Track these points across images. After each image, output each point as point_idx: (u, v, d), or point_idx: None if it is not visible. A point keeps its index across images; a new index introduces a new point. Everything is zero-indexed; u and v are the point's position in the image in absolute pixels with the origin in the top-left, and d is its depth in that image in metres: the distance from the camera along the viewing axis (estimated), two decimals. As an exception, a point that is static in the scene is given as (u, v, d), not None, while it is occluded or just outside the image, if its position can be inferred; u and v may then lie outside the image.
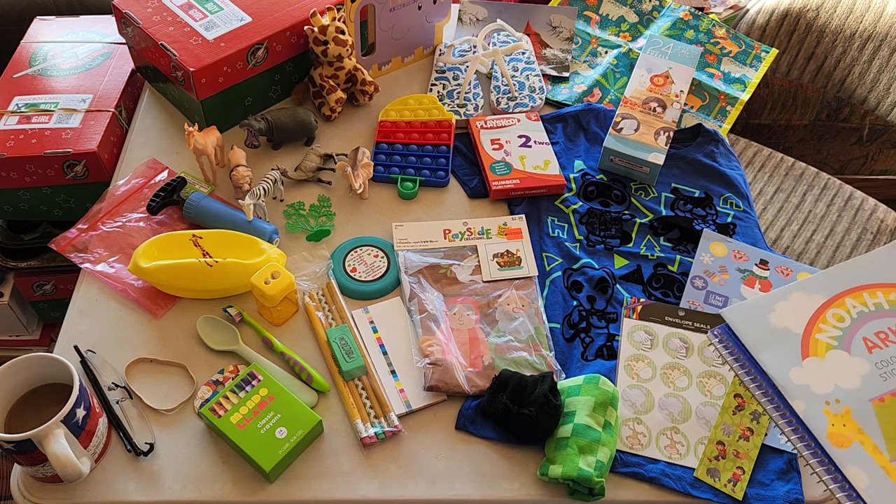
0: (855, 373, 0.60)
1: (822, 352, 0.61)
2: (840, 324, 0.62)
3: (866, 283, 0.64)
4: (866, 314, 0.62)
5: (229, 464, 0.79)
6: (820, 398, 0.58)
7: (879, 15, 1.37)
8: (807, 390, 0.59)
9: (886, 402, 0.58)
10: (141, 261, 0.90)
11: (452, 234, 1.00)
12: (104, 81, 1.18)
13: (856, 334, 0.62)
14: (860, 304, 0.63)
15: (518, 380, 0.81)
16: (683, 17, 1.32)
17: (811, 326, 0.62)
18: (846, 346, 0.61)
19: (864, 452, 0.56)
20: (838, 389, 0.59)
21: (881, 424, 0.57)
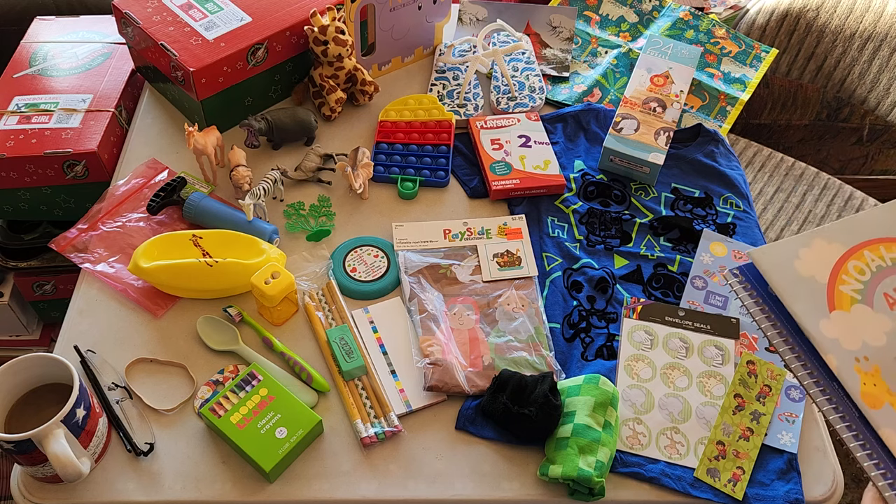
0: (880, 329, 0.58)
1: (847, 305, 0.59)
2: (861, 277, 0.60)
3: (882, 236, 0.61)
4: (884, 269, 0.60)
5: (229, 464, 0.79)
6: (850, 354, 0.56)
7: (879, 15, 1.37)
8: (837, 345, 0.57)
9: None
10: (141, 261, 0.90)
11: (452, 234, 1.00)
12: (104, 81, 1.18)
13: (876, 288, 0.59)
14: (877, 258, 0.60)
15: (518, 380, 0.81)
16: (683, 17, 1.32)
17: (835, 277, 0.60)
18: (868, 300, 0.59)
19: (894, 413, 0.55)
20: (866, 346, 0.57)
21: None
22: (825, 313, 0.58)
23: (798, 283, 0.59)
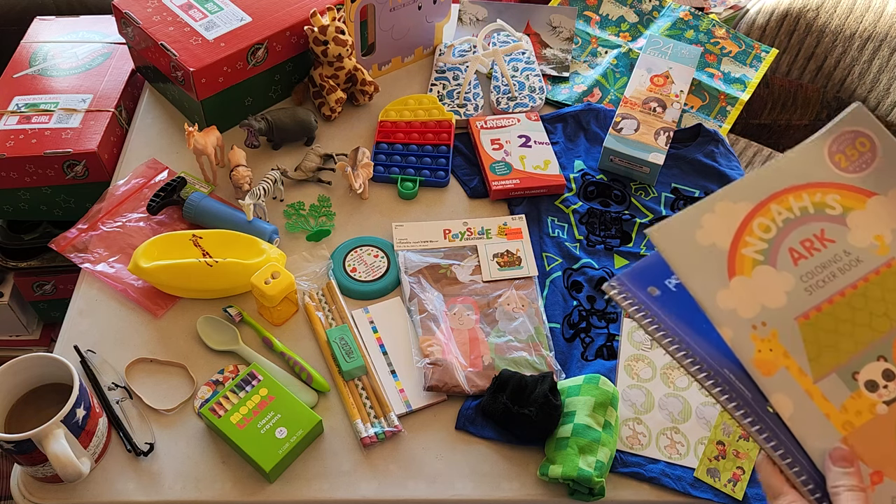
0: (780, 290, 0.56)
1: (748, 269, 0.57)
2: (766, 234, 0.58)
3: (790, 184, 0.59)
4: (792, 220, 0.58)
5: (229, 464, 0.79)
6: (747, 323, 0.55)
7: (879, 15, 1.37)
8: (734, 315, 0.55)
9: (811, 319, 0.56)
10: (141, 261, 0.90)
11: (452, 234, 1.00)
12: (104, 81, 1.18)
13: (781, 245, 0.58)
14: (785, 210, 0.58)
15: (518, 380, 0.81)
16: (683, 17, 1.32)
17: (737, 240, 0.57)
18: (772, 260, 0.57)
19: (790, 377, 0.54)
20: (765, 311, 0.55)
21: (805, 344, 0.55)
22: (724, 282, 0.56)
23: (697, 256, 0.57)
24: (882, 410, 0.54)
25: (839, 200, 0.58)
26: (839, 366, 0.55)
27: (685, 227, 0.57)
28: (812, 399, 0.54)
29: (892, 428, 0.54)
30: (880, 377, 0.55)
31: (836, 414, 0.54)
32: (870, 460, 0.53)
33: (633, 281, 0.60)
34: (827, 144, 0.59)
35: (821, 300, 0.56)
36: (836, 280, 0.56)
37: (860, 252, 0.57)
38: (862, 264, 0.57)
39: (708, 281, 0.56)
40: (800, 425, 0.53)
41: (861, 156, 0.59)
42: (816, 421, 0.54)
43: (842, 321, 0.56)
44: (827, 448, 0.53)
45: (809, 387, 0.54)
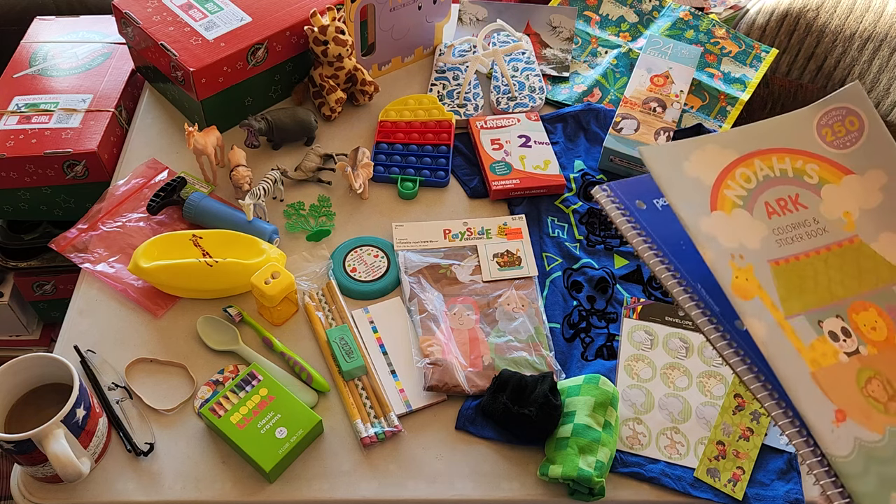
0: (756, 234, 0.58)
1: (728, 207, 0.59)
2: (746, 184, 0.60)
3: (776, 146, 0.62)
4: (771, 178, 0.61)
5: (229, 464, 0.79)
6: (727, 250, 0.57)
7: (879, 15, 1.37)
8: (714, 241, 0.57)
9: (781, 266, 0.58)
10: (141, 261, 0.90)
11: (452, 234, 1.00)
12: (104, 81, 1.18)
13: (759, 197, 0.60)
14: (767, 168, 0.61)
15: (518, 380, 0.81)
16: (683, 17, 1.32)
17: (721, 180, 0.60)
18: (749, 207, 0.60)
19: (764, 306, 0.56)
20: (742, 246, 0.57)
21: (777, 285, 0.57)
22: (706, 211, 0.58)
23: (683, 183, 0.59)
24: (843, 359, 0.55)
25: (817, 171, 0.60)
26: (806, 310, 0.56)
27: (674, 155, 0.59)
28: (783, 331, 0.55)
29: (853, 376, 0.55)
30: (839, 332, 0.56)
31: (805, 350, 0.55)
32: (835, 398, 0.54)
33: (622, 190, 0.62)
34: (817, 117, 0.61)
35: (790, 254, 0.58)
36: (803, 242, 0.58)
37: (828, 223, 0.59)
38: (828, 234, 0.59)
39: (693, 205, 0.58)
40: (773, 349, 0.54)
41: (848, 134, 0.61)
42: (788, 351, 0.55)
43: (807, 277, 0.57)
44: (798, 375, 0.54)
45: (781, 320, 0.56)
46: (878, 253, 0.59)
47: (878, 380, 0.56)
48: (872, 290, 0.58)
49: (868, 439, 0.54)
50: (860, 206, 0.60)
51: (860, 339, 0.56)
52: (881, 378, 0.56)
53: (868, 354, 0.56)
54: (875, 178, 0.60)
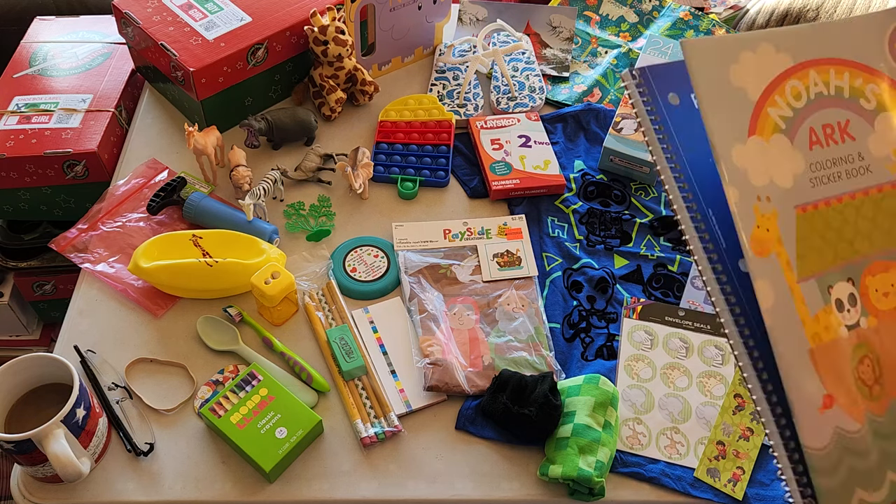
0: (790, 169, 0.49)
1: (768, 132, 0.49)
2: (795, 102, 0.50)
3: (837, 55, 0.51)
4: (823, 97, 0.51)
5: (229, 464, 0.79)
6: (754, 191, 0.48)
7: (879, 15, 1.37)
8: (744, 177, 0.47)
9: (807, 214, 0.49)
10: (141, 261, 0.90)
11: (452, 234, 1.00)
12: (104, 81, 1.18)
13: (805, 120, 0.50)
14: (822, 83, 0.51)
15: (518, 380, 0.81)
16: (683, 17, 1.32)
17: (769, 94, 0.49)
18: (791, 132, 0.50)
19: (779, 266, 0.47)
20: (772, 185, 0.48)
21: (798, 237, 0.49)
22: (743, 137, 0.48)
23: (725, 93, 0.49)
24: (843, 333, 0.49)
25: (877, 94, 0.51)
26: (819, 273, 0.49)
27: (722, 55, 0.49)
28: (793, 297, 0.48)
29: (849, 354, 0.49)
30: (846, 299, 0.50)
31: (810, 322, 0.48)
32: (827, 381, 0.48)
33: (657, 79, 0.52)
34: (893, 26, 0.52)
35: (819, 198, 0.50)
36: (839, 182, 0.50)
37: (873, 161, 0.51)
38: (870, 175, 0.51)
39: (730, 127, 0.48)
40: (776, 320, 0.47)
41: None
42: (792, 323, 0.48)
43: (830, 229, 0.50)
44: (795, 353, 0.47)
45: (793, 283, 0.48)
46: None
47: (870, 359, 0.50)
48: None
49: (847, 428, 0.48)
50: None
51: (864, 307, 0.50)
52: (872, 357, 0.50)
53: (866, 327, 0.50)
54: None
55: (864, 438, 0.48)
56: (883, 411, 0.49)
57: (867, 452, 0.48)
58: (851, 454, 0.48)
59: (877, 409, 0.49)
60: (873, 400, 0.49)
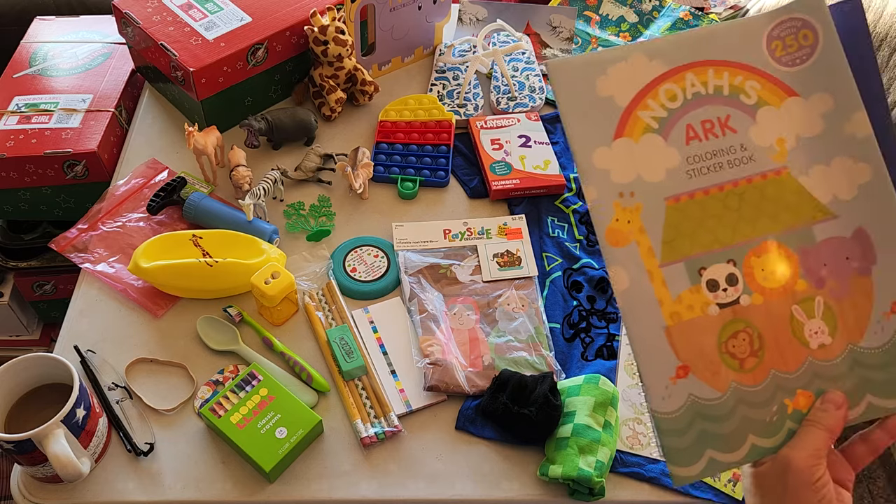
0: (662, 165, 0.53)
1: (637, 133, 0.53)
2: (670, 103, 0.54)
3: (716, 57, 0.54)
4: (701, 97, 0.54)
5: (229, 464, 0.79)
6: (616, 188, 0.52)
7: (879, 15, 1.37)
8: (605, 177, 0.52)
9: (680, 204, 0.53)
10: (141, 261, 0.90)
11: (452, 234, 1.00)
12: (104, 81, 1.18)
13: (681, 119, 0.54)
14: (700, 83, 0.54)
15: (518, 380, 0.81)
16: (683, 17, 1.32)
17: (638, 100, 0.53)
18: (665, 131, 0.53)
19: (637, 253, 0.52)
20: (639, 181, 0.53)
21: (665, 226, 0.53)
22: (607, 140, 0.53)
23: (590, 104, 0.53)
24: (713, 311, 0.53)
25: (758, 90, 0.55)
26: (689, 256, 0.53)
27: (589, 71, 0.53)
28: (651, 281, 0.53)
29: (716, 331, 0.53)
30: (724, 279, 0.54)
31: (669, 302, 0.53)
32: (683, 354, 0.53)
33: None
34: (770, 27, 0.55)
35: (696, 188, 0.54)
36: (720, 172, 0.54)
37: (756, 151, 0.54)
38: (753, 164, 0.54)
39: (592, 134, 0.53)
40: (629, 302, 0.52)
41: (800, 49, 0.55)
42: (646, 304, 0.53)
43: (709, 215, 0.54)
44: (647, 330, 0.52)
45: (653, 268, 0.53)
46: (805, 188, 0.54)
47: (748, 333, 0.54)
48: (788, 230, 0.54)
49: (704, 396, 0.53)
50: (798, 132, 0.54)
51: (748, 286, 0.54)
52: (752, 331, 0.54)
53: (750, 304, 0.54)
54: (820, 103, 0.54)
55: (724, 405, 0.53)
56: (758, 381, 0.53)
57: (725, 418, 0.53)
58: (705, 419, 0.53)
59: (748, 380, 0.53)
60: (745, 372, 0.53)
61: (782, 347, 0.54)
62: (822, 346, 0.54)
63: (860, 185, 0.54)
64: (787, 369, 0.54)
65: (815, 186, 0.54)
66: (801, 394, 0.54)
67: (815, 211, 0.54)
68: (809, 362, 0.54)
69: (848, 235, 0.54)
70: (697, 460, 0.53)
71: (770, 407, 0.53)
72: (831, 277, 0.54)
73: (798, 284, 0.54)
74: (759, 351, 0.54)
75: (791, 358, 0.54)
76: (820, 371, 0.54)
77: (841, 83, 0.54)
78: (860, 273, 0.54)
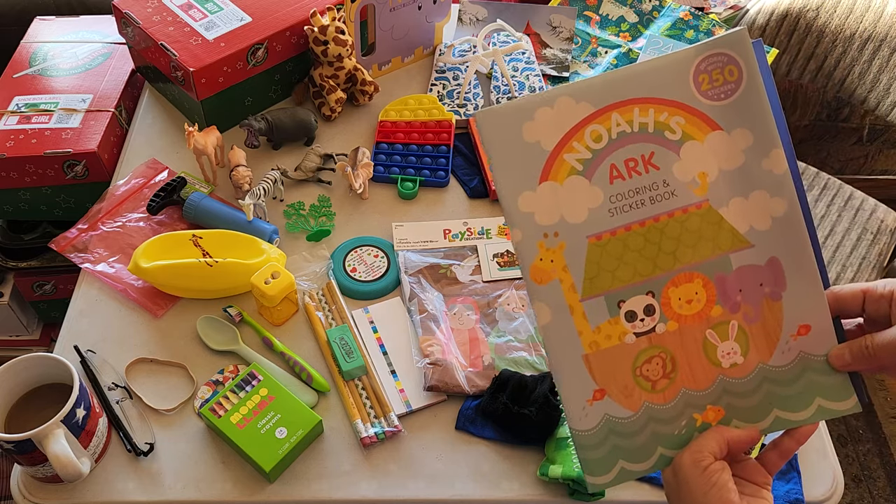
0: (585, 205, 0.55)
1: (562, 176, 0.55)
2: (595, 144, 0.55)
3: (641, 95, 0.56)
4: (626, 135, 0.55)
5: (229, 464, 0.79)
6: (540, 230, 0.55)
7: (879, 15, 1.37)
8: (529, 220, 0.55)
9: (602, 241, 0.56)
10: (141, 261, 0.90)
11: (452, 234, 1.00)
12: (104, 81, 1.18)
13: (605, 159, 0.55)
14: (625, 122, 0.55)
15: (518, 380, 0.81)
16: (683, 17, 1.32)
17: (564, 143, 0.55)
18: (589, 172, 0.55)
19: (559, 290, 0.56)
20: (562, 223, 0.55)
21: (587, 263, 0.56)
22: (533, 185, 0.55)
23: (517, 150, 0.54)
24: (630, 340, 0.57)
25: (683, 125, 0.56)
26: (609, 291, 0.57)
27: (516, 118, 0.55)
28: (572, 315, 0.56)
29: (631, 358, 0.57)
30: (641, 310, 0.57)
31: (589, 333, 0.57)
32: (599, 379, 0.57)
33: None
34: (697, 61, 0.56)
35: (618, 225, 0.56)
36: (642, 208, 0.56)
37: (678, 186, 0.56)
38: (675, 199, 0.56)
39: (518, 179, 0.55)
40: (551, 334, 0.56)
41: (725, 84, 0.56)
42: (567, 335, 0.56)
43: (629, 250, 0.56)
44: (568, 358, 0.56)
45: (574, 303, 0.56)
46: (724, 219, 0.57)
47: (661, 357, 0.57)
48: (706, 260, 0.57)
49: (618, 415, 0.57)
50: (720, 166, 0.56)
51: (664, 315, 0.57)
52: (665, 356, 0.57)
53: (665, 331, 0.57)
54: (741, 138, 0.56)
55: (637, 423, 0.58)
56: (668, 400, 0.58)
57: (636, 433, 0.58)
58: (618, 435, 0.58)
59: (659, 399, 0.58)
60: (656, 392, 0.58)
61: (694, 368, 0.58)
62: (735, 364, 0.58)
63: (774, 217, 0.57)
64: (697, 388, 0.58)
65: (734, 217, 0.57)
66: (711, 409, 0.58)
67: (733, 240, 0.57)
68: (720, 380, 0.58)
69: (762, 263, 0.58)
70: (610, 470, 0.58)
71: (679, 421, 0.59)
72: (745, 302, 0.58)
73: (714, 310, 0.58)
74: (672, 373, 0.58)
75: (702, 377, 0.58)
76: (730, 388, 0.58)
77: (761, 120, 0.56)
78: (772, 298, 0.58)
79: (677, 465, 0.56)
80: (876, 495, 1.60)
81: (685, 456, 0.56)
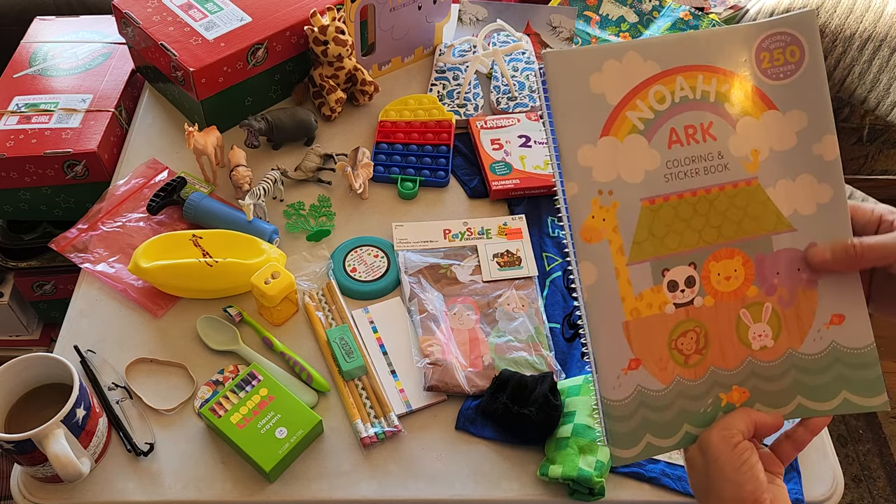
0: (642, 166, 0.54)
1: (623, 133, 0.54)
2: (658, 105, 0.55)
3: (706, 63, 0.55)
4: (689, 101, 0.55)
5: (229, 464, 0.79)
6: (595, 186, 0.54)
7: (879, 15, 1.37)
8: (587, 174, 0.54)
9: (654, 206, 0.55)
10: (141, 261, 0.90)
11: (452, 234, 1.00)
12: (104, 81, 1.18)
13: (666, 122, 0.55)
14: (689, 87, 0.55)
15: (518, 380, 0.81)
16: (683, 17, 1.32)
17: (628, 100, 0.54)
18: (650, 133, 0.55)
19: (608, 251, 0.54)
20: (618, 181, 0.54)
21: (638, 226, 0.55)
22: (594, 139, 0.54)
23: (581, 100, 0.53)
24: (669, 310, 0.56)
25: (741, 100, 0.56)
26: (655, 258, 0.56)
27: (584, 65, 0.54)
28: (617, 278, 0.55)
29: (668, 329, 0.56)
30: (683, 281, 0.56)
31: (631, 299, 0.55)
32: (636, 348, 0.56)
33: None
34: (760, 38, 0.56)
35: (672, 192, 0.56)
36: (696, 178, 0.56)
37: (732, 160, 0.56)
38: (727, 172, 0.56)
39: (580, 130, 0.54)
40: (593, 297, 0.55)
41: (786, 64, 0.56)
42: (611, 299, 0.55)
43: (679, 219, 0.56)
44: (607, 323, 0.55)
45: (621, 266, 0.55)
46: (770, 199, 0.56)
47: (696, 332, 0.57)
48: (748, 238, 0.57)
49: (651, 387, 0.56)
50: (771, 146, 0.56)
51: (703, 289, 0.56)
52: (700, 330, 0.57)
53: (702, 306, 0.57)
54: (796, 120, 0.56)
55: (667, 397, 0.56)
56: (699, 376, 0.57)
57: (665, 408, 0.56)
58: (648, 408, 0.56)
59: (690, 375, 0.57)
60: (688, 367, 0.57)
61: (724, 347, 0.57)
62: (764, 347, 0.58)
63: (820, 203, 0.57)
64: (726, 367, 0.57)
65: (779, 199, 0.57)
66: (737, 389, 0.58)
67: (777, 222, 0.57)
68: (749, 361, 0.58)
69: (802, 248, 0.57)
70: (637, 444, 0.56)
71: (706, 399, 0.57)
72: (782, 286, 0.58)
73: (750, 290, 0.57)
74: (704, 349, 0.57)
75: (731, 357, 0.57)
76: (758, 370, 0.58)
77: (817, 104, 0.56)
78: (808, 285, 0.58)
79: (705, 442, 0.55)
80: (876, 495, 1.60)
81: (713, 433, 0.55)
